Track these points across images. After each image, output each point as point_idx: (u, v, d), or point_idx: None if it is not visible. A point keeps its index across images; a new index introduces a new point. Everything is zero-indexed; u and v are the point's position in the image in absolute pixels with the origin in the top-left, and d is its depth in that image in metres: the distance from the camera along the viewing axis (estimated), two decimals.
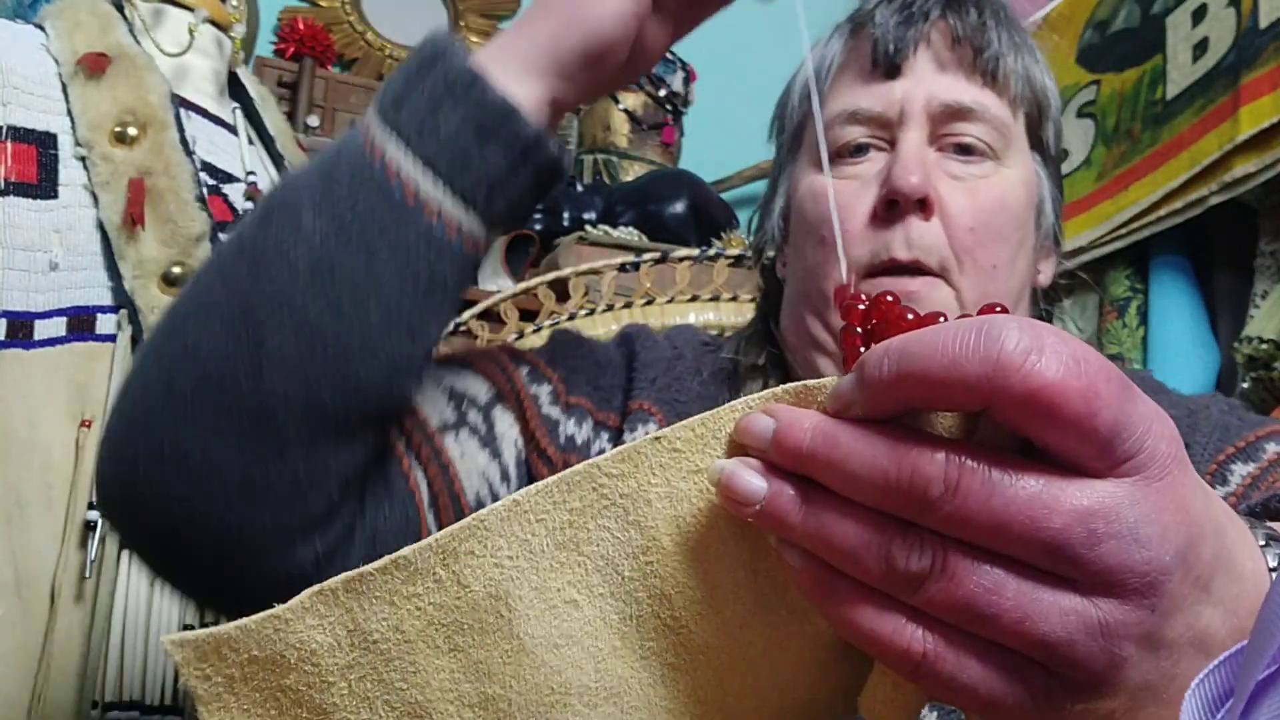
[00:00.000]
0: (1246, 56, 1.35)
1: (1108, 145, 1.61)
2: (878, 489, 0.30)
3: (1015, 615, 0.29)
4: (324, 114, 2.35)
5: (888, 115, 0.69)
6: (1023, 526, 0.29)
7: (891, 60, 0.69)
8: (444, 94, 0.54)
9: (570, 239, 2.14)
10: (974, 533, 0.29)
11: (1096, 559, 0.28)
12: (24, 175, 0.89)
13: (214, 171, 1.01)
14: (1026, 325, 0.29)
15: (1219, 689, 0.26)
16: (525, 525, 0.33)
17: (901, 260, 0.65)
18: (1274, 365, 1.19)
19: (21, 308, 0.87)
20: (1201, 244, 1.48)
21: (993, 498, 0.29)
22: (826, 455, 0.31)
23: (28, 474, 0.85)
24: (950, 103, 0.68)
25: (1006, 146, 0.70)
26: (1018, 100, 0.71)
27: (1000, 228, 0.68)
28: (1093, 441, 0.29)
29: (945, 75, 0.69)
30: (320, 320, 0.52)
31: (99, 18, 0.97)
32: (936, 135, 0.69)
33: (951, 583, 0.29)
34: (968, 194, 0.67)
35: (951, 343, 0.29)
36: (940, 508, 0.29)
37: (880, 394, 0.31)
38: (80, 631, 0.85)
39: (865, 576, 0.31)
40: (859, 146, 0.70)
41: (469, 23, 2.69)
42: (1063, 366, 0.28)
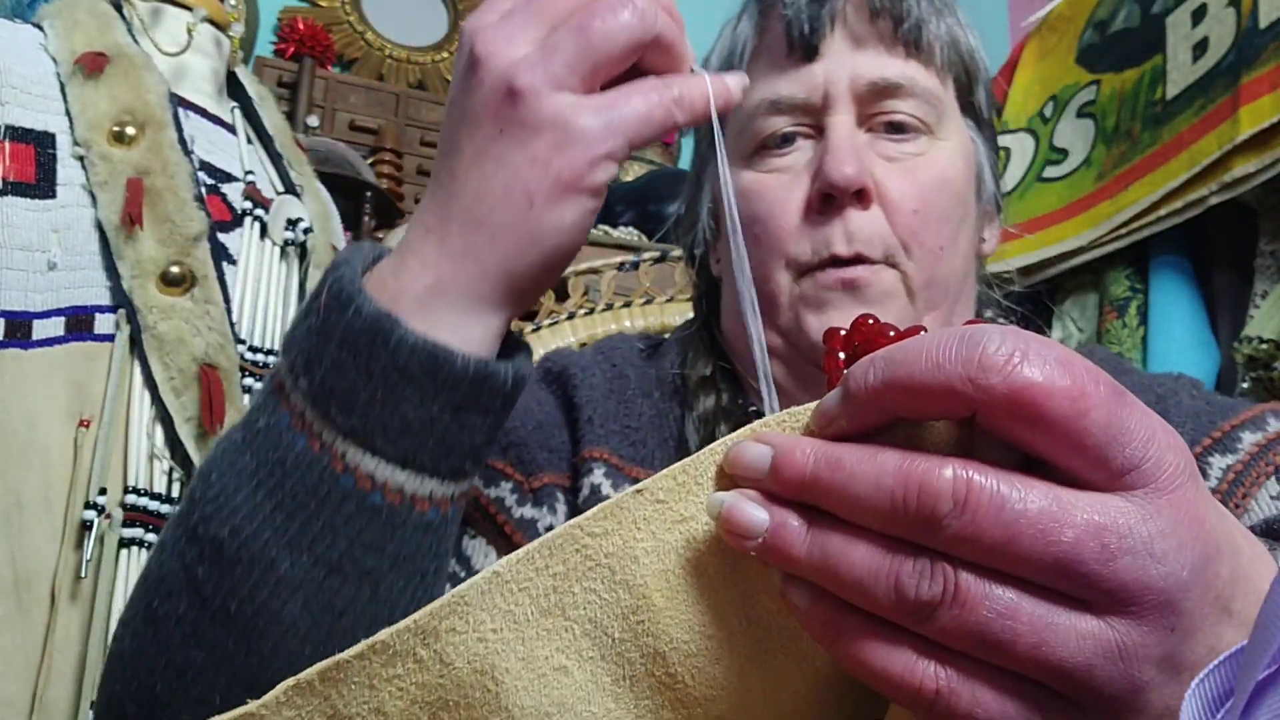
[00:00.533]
0: (1246, 56, 1.35)
1: (1108, 145, 1.61)
2: (884, 509, 0.29)
3: (1030, 640, 0.28)
4: (323, 114, 2.35)
5: (811, 101, 0.65)
6: (1033, 541, 0.28)
7: (808, 41, 0.65)
8: (400, 381, 0.44)
9: None
10: (984, 551, 0.28)
11: (1111, 575, 0.28)
12: (22, 175, 0.88)
13: (212, 171, 1.01)
14: (1010, 331, 0.28)
15: (1219, 689, 0.26)
16: (508, 596, 0.32)
17: (843, 255, 0.62)
18: (1274, 365, 1.19)
19: (20, 307, 0.87)
20: (1201, 244, 1.48)
21: (1002, 512, 0.28)
22: (830, 478, 0.30)
23: (26, 474, 0.85)
24: (876, 80, 0.64)
25: (939, 118, 0.66)
26: (945, 67, 0.67)
27: (943, 207, 0.64)
28: (1087, 448, 0.28)
29: (866, 51, 0.65)
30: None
31: (97, 17, 0.97)
32: (865, 116, 0.65)
33: (964, 610, 0.28)
34: (906, 175, 0.64)
35: (934, 348, 0.29)
36: (949, 525, 0.28)
37: (866, 404, 0.30)
38: (78, 631, 0.84)
39: (874, 607, 0.30)
40: (784, 136, 0.66)
41: None
42: (1046, 366, 0.28)
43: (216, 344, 0.90)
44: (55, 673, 0.83)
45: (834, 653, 0.31)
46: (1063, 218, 1.65)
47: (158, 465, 0.89)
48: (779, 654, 0.33)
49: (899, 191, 0.63)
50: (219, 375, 0.90)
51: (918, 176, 0.64)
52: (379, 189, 2.17)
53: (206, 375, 0.89)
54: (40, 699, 0.83)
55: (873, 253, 0.62)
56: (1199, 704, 0.26)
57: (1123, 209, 1.51)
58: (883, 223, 0.63)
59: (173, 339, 0.89)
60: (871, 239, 0.62)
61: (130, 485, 0.87)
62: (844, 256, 0.62)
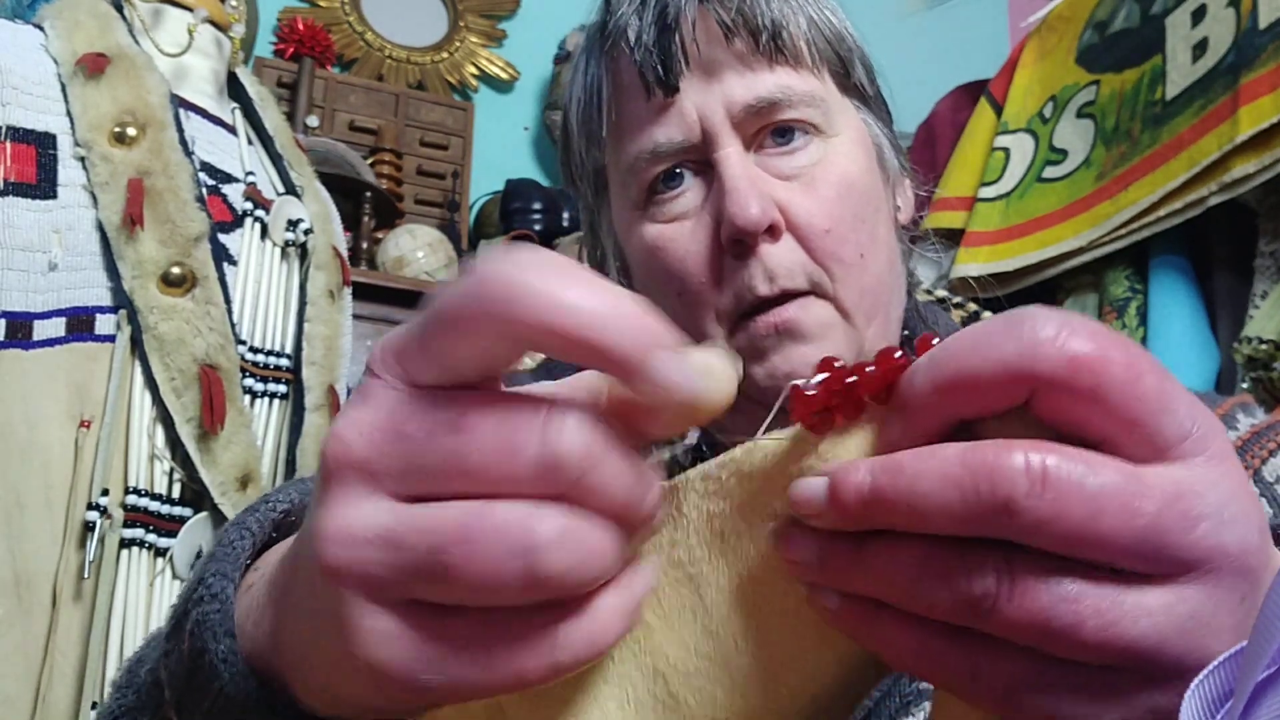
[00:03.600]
0: (1246, 57, 1.35)
1: (1107, 145, 1.61)
2: (954, 502, 0.27)
3: (1097, 622, 0.27)
4: (323, 114, 2.35)
5: (691, 140, 0.61)
6: (1116, 517, 0.26)
7: (666, 82, 0.61)
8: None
9: (570, 239, 2.14)
10: (1063, 533, 0.27)
11: (1193, 544, 0.27)
12: (23, 175, 0.88)
13: (213, 171, 1.01)
14: (1050, 309, 0.28)
15: (1219, 689, 0.26)
16: None
17: (766, 295, 0.59)
18: (1274, 365, 1.19)
19: (21, 308, 0.87)
20: (1201, 244, 1.49)
21: (1083, 488, 0.26)
22: (893, 484, 0.28)
23: (27, 474, 0.85)
24: (752, 102, 0.60)
25: (826, 115, 0.62)
26: (818, 62, 0.63)
27: (854, 212, 0.61)
28: (1143, 417, 0.27)
29: (730, 74, 0.61)
30: None
31: (98, 18, 0.97)
32: (750, 138, 0.61)
33: (1026, 597, 0.27)
34: (808, 192, 0.60)
35: (983, 338, 0.28)
36: (1028, 508, 0.26)
37: (924, 413, 0.29)
38: (79, 632, 0.85)
39: (931, 611, 0.28)
40: (669, 173, 0.62)
41: (469, 23, 2.69)
42: (1096, 337, 0.27)
43: (217, 344, 0.91)
44: (56, 673, 0.83)
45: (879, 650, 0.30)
46: (1062, 218, 1.65)
47: (158, 466, 0.89)
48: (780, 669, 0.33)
49: (806, 213, 0.60)
50: (219, 376, 0.90)
51: (819, 191, 0.61)
52: (379, 189, 2.17)
53: (207, 376, 0.89)
54: (41, 699, 0.83)
55: (796, 284, 0.59)
56: (1199, 704, 0.26)
57: (1122, 209, 1.51)
58: (798, 250, 0.59)
59: (173, 339, 0.89)
60: (792, 270, 0.59)
61: (131, 486, 0.87)
62: (768, 296, 0.59)
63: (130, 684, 0.46)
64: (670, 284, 0.62)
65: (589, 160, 0.67)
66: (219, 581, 0.41)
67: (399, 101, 2.45)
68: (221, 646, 0.39)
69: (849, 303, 0.60)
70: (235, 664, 0.39)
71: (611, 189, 0.67)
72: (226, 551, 0.43)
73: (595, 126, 0.65)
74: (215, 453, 0.89)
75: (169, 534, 0.88)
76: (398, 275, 2.07)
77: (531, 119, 2.72)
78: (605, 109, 0.64)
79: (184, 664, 0.41)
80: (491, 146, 2.59)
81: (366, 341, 2.00)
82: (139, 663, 0.47)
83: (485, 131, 2.56)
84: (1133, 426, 0.27)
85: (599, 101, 0.65)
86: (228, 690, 0.38)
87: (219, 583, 0.41)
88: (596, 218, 0.70)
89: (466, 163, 2.48)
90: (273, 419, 0.98)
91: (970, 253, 1.75)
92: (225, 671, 0.39)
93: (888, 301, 0.64)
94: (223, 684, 0.39)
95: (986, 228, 1.77)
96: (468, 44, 2.67)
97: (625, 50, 0.62)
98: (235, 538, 0.43)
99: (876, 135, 0.67)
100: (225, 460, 0.89)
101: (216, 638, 0.39)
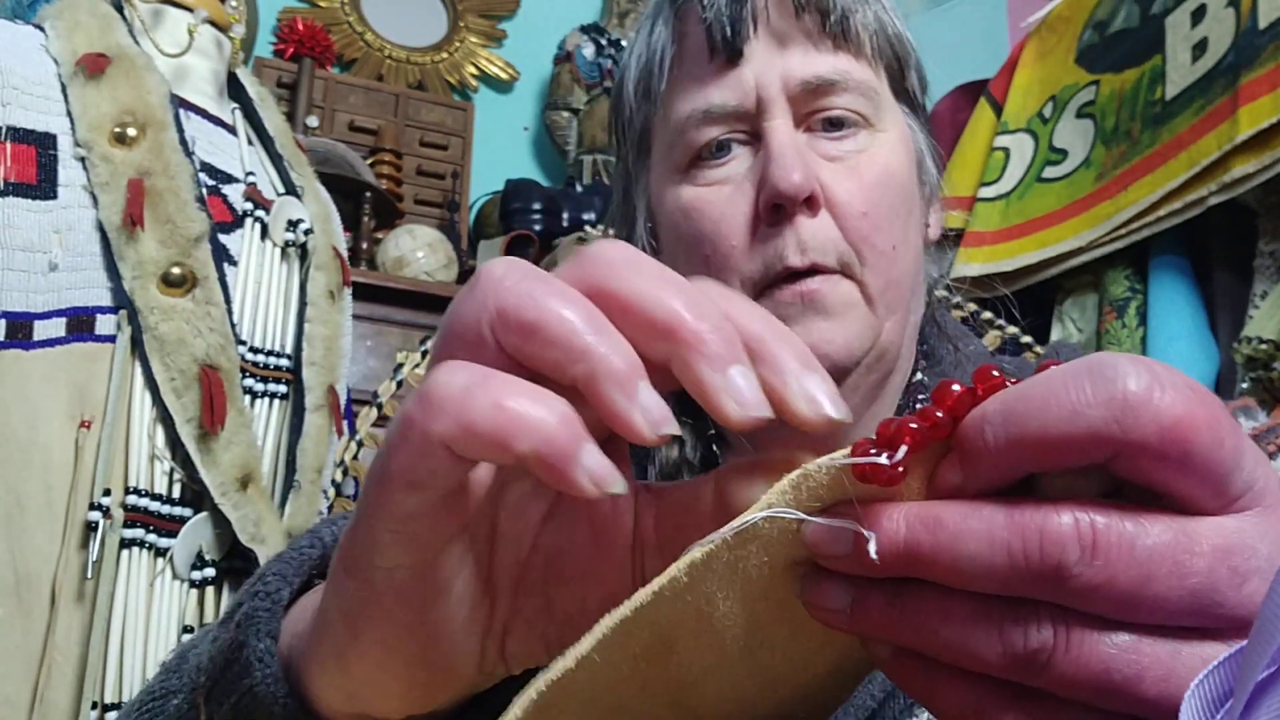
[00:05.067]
0: (1246, 57, 1.35)
1: (1107, 145, 1.61)
2: (1002, 565, 0.26)
3: (1157, 674, 0.26)
4: (323, 114, 2.35)
5: (744, 107, 0.62)
6: (1168, 577, 0.25)
7: (731, 45, 0.61)
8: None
9: (570, 240, 2.14)
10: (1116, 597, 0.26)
11: (1244, 600, 0.26)
12: (23, 176, 0.89)
13: (213, 172, 1.01)
14: (1138, 360, 0.26)
15: (1219, 689, 0.26)
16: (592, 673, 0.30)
17: (797, 267, 0.59)
18: (1274, 365, 1.19)
19: (21, 308, 0.87)
20: (1201, 244, 1.49)
21: (1135, 551, 0.25)
22: (933, 542, 0.27)
23: (27, 475, 0.85)
24: (810, 79, 0.61)
25: (876, 110, 0.63)
26: (876, 56, 0.64)
27: (891, 203, 0.62)
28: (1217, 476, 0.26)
29: (794, 49, 0.62)
30: None
31: (98, 18, 0.97)
32: (802, 116, 0.62)
33: (1084, 650, 0.26)
34: (851, 176, 0.61)
35: (1066, 391, 0.26)
36: (1079, 574, 0.25)
37: (991, 466, 0.27)
38: (79, 632, 0.85)
39: (981, 667, 0.27)
40: (719, 145, 0.63)
41: (469, 23, 2.69)
42: (1184, 395, 0.26)
43: (217, 345, 0.91)
44: (56, 673, 0.83)
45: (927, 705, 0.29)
46: (1062, 218, 1.65)
47: (158, 466, 0.89)
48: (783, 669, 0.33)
49: (846, 194, 0.61)
50: (220, 376, 0.90)
51: (863, 176, 0.62)
52: (378, 189, 2.18)
53: (207, 376, 0.89)
54: (41, 699, 0.83)
55: (827, 260, 0.59)
56: (1199, 704, 0.26)
57: (1122, 209, 1.51)
58: (833, 228, 0.60)
59: (174, 340, 0.89)
60: (824, 245, 0.60)
61: (131, 486, 0.87)
62: (798, 268, 0.59)
63: (179, 668, 0.47)
64: (701, 246, 0.62)
65: (639, 117, 0.68)
66: (276, 581, 0.41)
67: (399, 102, 2.45)
68: (261, 645, 0.39)
69: (874, 289, 0.61)
70: (270, 665, 0.39)
71: (655, 150, 0.67)
72: (293, 555, 0.43)
73: (654, 82, 0.66)
74: (215, 453, 0.89)
75: (169, 534, 0.88)
76: (397, 275, 2.08)
77: (531, 119, 2.72)
78: (666, 65, 0.65)
79: (223, 654, 0.41)
80: (491, 146, 2.59)
81: (366, 341, 2.00)
82: (192, 646, 0.47)
83: (485, 131, 2.57)
84: (1205, 485, 0.26)
85: (661, 58, 0.65)
86: (257, 690, 0.38)
87: (276, 582, 0.41)
88: (633, 180, 0.70)
89: (466, 163, 2.48)
90: (273, 419, 0.98)
91: (970, 253, 1.75)
92: (259, 671, 0.38)
93: (908, 302, 0.64)
94: (254, 683, 0.38)
95: (986, 228, 1.77)
96: (467, 44, 2.67)
97: (697, 10, 0.63)
98: (306, 544, 0.43)
99: (920, 144, 0.68)
100: (225, 460, 0.89)
101: (259, 635, 0.39)
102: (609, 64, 2.51)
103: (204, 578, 0.90)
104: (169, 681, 0.46)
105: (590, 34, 2.54)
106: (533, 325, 0.28)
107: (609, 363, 0.28)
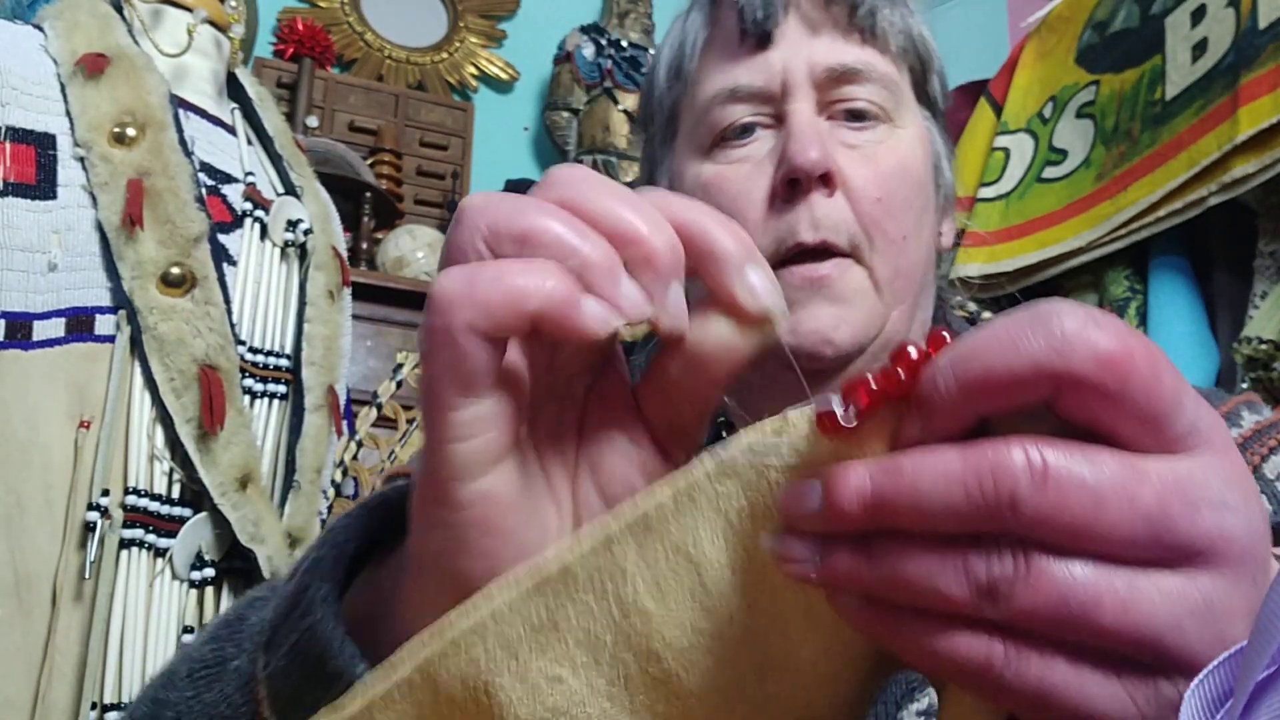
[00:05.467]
0: (1245, 57, 1.35)
1: (1107, 146, 1.61)
2: (958, 501, 0.27)
3: (1116, 605, 0.27)
4: (323, 114, 2.35)
5: (770, 89, 0.64)
6: (1119, 506, 0.26)
7: (762, 27, 0.64)
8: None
9: None
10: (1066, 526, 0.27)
11: (1196, 528, 0.27)
12: (23, 176, 0.89)
13: (213, 172, 1.01)
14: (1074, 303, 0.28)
15: (1219, 689, 0.26)
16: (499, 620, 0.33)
17: (808, 244, 0.61)
18: (1273, 365, 1.19)
19: (20, 308, 0.87)
20: (1201, 244, 1.49)
21: (1084, 481, 0.26)
22: (895, 487, 0.28)
23: (27, 475, 0.85)
24: (834, 66, 0.64)
25: (897, 105, 0.66)
26: (900, 55, 0.67)
27: (905, 195, 0.64)
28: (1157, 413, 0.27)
29: (822, 37, 0.65)
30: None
31: (98, 18, 0.97)
32: (825, 103, 0.64)
33: (1042, 580, 0.27)
34: (868, 163, 0.63)
35: (1009, 334, 0.27)
36: (1030, 502, 0.26)
37: (947, 413, 0.28)
38: (79, 632, 0.85)
39: (945, 605, 0.28)
40: (744, 127, 0.65)
41: (469, 23, 2.69)
42: (1120, 333, 0.27)
43: (217, 345, 0.91)
44: (56, 673, 0.83)
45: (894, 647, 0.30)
46: (1062, 218, 1.65)
47: (158, 466, 0.89)
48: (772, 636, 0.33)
49: (862, 179, 0.62)
50: (219, 376, 0.90)
51: (879, 164, 0.63)
52: (378, 190, 2.18)
53: (207, 376, 0.89)
54: (41, 699, 0.83)
55: (839, 239, 0.61)
56: (1199, 704, 0.26)
57: (1122, 209, 1.51)
58: (847, 210, 0.62)
59: (173, 340, 0.89)
60: (837, 225, 0.61)
61: (130, 486, 0.87)
62: (810, 244, 0.61)
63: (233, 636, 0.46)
64: None
65: (668, 98, 0.71)
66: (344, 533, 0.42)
67: (399, 102, 2.45)
68: (324, 589, 0.40)
69: (882, 276, 0.62)
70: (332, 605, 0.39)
71: (681, 131, 0.70)
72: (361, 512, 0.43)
73: (686, 63, 0.69)
74: (215, 453, 0.89)
75: (169, 534, 0.88)
76: (397, 275, 2.08)
77: (531, 119, 2.72)
78: (698, 47, 0.68)
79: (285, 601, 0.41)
80: (491, 147, 2.59)
81: (366, 341, 2.00)
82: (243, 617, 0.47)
83: (485, 132, 2.57)
84: (1146, 422, 0.27)
85: (694, 41, 0.69)
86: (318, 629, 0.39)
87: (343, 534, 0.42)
88: (657, 163, 0.73)
89: (466, 163, 2.48)
90: (272, 419, 0.98)
91: (970, 253, 1.75)
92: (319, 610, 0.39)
93: (916, 296, 0.66)
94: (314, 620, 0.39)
95: (986, 228, 1.77)
96: (467, 44, 2.67)
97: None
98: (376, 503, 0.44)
99: (938, 147, 0.70)
100: (225, 460, 0.89)
101: (323, 579, 0.40)
102: (609, 64, 2.51)
103: (203, 578, 0.90)
104: (223, 650, 0.46)
105: (590, 34, 2.54)
106: (524, 233, 0.32)
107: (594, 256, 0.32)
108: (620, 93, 2.50)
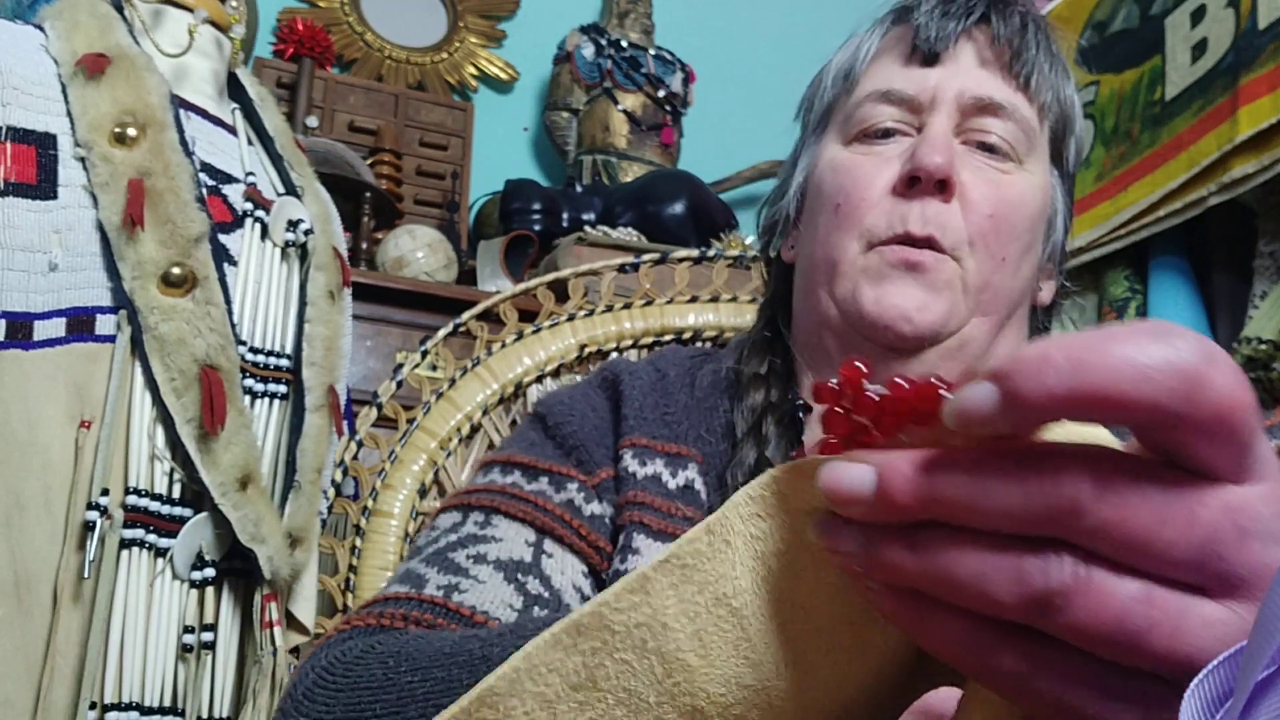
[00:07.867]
0: (1245, 57, 1.35)
1: (1107, 146, 1.61)
2: (1018, 504, 0.26)
3: (1166, 629, 0.26)
4: (323, 115, 2.35)
5: (919, 100, 0.70)
6: (1179, 522, 0.26)
7: (931, 48, 0.70)
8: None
9: (569, 240, 2.13)
10: (1125, 538, 0.26)
11: (1244, 558, 0.26)
12: (23, 176, 0.88)
13: (213, 172, 1.01)
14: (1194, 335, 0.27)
15: (1219, 689, 0.26)
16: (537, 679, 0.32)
17: (916, 234, 0.66)
18: (1273, 366, 1.19)
19: (21, 308, 0.87)
20: (1201, 245, 1.49)
21: (1147, 496, 0.26)
22: (951, 482, 0.27)
23: (27, 475, 0.85)
24: (982, 96, 0.69)
25: (1029, 150, 0.70)
26: (1046, 109, 0.72)
27: (1016, 222, 0.68)
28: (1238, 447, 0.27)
29: (981, 71, 0.70)
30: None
31: (98, 18, 0.97)
32: (963, 128, 0.69)
33: (1101, 595, 0.26)
34: (989, 184, 0.68)
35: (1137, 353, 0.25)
36: (1091, 513, 0.26)
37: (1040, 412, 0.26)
38: (79, 633, 0.84)
39: (993, 608, 0.27)
40: (886, 131, 0.70)
41: (468, 23, 2.69)
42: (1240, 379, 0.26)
43: (217, 345, 0.91)
44: (56, 674, 0.83)
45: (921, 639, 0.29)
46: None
47: (158, 466, 0.89)
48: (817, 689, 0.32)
49: (979, 194, 0.67)
50: (220, 376, 0.90)
51: (999, 188, 0.68)
52: (378, 190, 2.17)
53: (207, 376, 0.89)
54: (41, 700, 0.83)
55: (944, 238, 0.65)
56: (1199, 704, 0.26)
57: (1122, 210, 1.51)
58: (959, 217, 0.66)
59: (174, 340, 0.89)
60: (945, 226, 0.65)
61: (131, 486, 0.87)
62: (917, 236, 0.65)
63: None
64: (834, 197, 0.69)
65: (829, 94, 0.76)
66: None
67: (398, 102, 2.45)
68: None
69: (973, 281, 0.67)
70: None
71: (831, 124, 0.75)
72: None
73: (855, 67, 0.74)
74: (215, 453, 0.89)
75: (169, 534, 0.88)
76: (397, 276, 2.07)
77: (531, 119, 2.72)
78: (869, 56, 0.74)
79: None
80: (491, 147, 2.59)
81: (366, 341, 2.00)
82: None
83: (485, 132, 2.56)
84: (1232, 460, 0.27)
85: (867, 50, 0.75)
86: None
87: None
88: (802, 151, 0.78)
89: (466, 163, 2.48)
90: (273, 419, 0.98)
91: None
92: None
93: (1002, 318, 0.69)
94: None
95: None
96: (467, 44, 2.67)
97: (912, 18, 0.72)
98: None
99: (1057, 204, 0.74)
100: (225, 461, 0.89)
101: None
102: (609, 64, 2.51)
103: (204, 578, 0.90)
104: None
105: (590, 34, 2.54)
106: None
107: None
108: (620, 93, 2.50)
